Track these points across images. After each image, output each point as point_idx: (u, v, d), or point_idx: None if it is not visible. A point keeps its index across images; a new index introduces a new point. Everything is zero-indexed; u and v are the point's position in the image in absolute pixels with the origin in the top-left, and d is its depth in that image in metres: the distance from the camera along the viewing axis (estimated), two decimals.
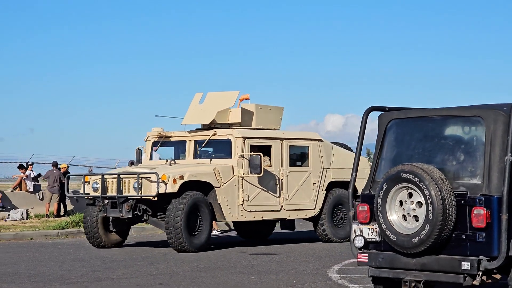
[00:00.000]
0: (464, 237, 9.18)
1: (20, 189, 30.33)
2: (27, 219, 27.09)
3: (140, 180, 16.83)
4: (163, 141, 19.26)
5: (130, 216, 17.10)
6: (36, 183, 30.71)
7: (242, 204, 17.84)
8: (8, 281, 13.01)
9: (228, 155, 18.12)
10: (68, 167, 32.03)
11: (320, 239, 19.34)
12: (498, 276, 9.25)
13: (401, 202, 9.49)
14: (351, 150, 20.51)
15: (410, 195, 9.39)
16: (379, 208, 9.56)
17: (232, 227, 21.95)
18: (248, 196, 17.93)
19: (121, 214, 17.12)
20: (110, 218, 17.67)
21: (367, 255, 9.86)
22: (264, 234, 20.42)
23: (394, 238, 9.47)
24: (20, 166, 30.92)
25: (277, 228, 21.51)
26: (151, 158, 19.42)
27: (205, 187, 17.35)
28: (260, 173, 17.62)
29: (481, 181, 9.23)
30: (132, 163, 30.20)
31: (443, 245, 9.26)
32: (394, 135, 10.21)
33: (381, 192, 9.56)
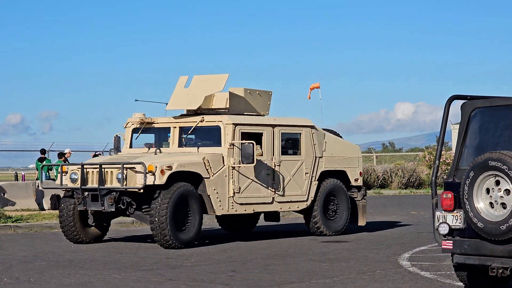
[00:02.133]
0: None
1: None
2: None
3: (124, 171, 15.53)
4: (144, 128, 17.81)
5: (113, 209, 15.80)
6: None
7: (233, 197, 16.53)
8: (84, 267, 13.21)
9: (217, 143, 16.79)
10: None
11: (311, 233, 18.31)
12: None
13: (488, 190, 9.53)
14: (341, 137, 19.81)
15: (498, 182, 9.42)
16: (465, 195, 9.61)
17: None
18: (239, 188, 16.63)
19: (103, 208, 15.76)
20: (89, 211, 16.36)
21: (451, 242, 9.91)
22: (249, 227, 19.60)
23: (481, 225, 9.51)
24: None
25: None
26: (131, 146, 17.95)
27: (194, 178, 16.06)
28: (253, 163, 16.38)
29: None
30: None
31: None
32: (479, 124, 10.23)
33: (468, 180, 9.60)
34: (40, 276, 12.16)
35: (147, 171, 15.14)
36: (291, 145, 17.85)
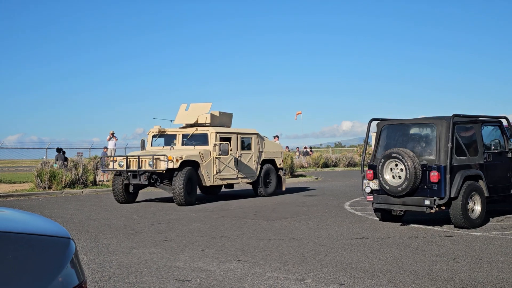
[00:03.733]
0: (426, 187, 9.28)
1: None
2: None
3: (154, 159, 14.05)
4: (160, 135, 16.05)
5: (147, 183, 14.32)
6: None
7: (215, 175, 15.01)
8: (176, 210, 12.97)
9: (205, 143, 15.14)
10: None
11: (256, 195, 16.65)
12: (444, 208, 9.30)
13: (391, 169, 9.61)
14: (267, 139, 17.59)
15: (396, 165, 9.49)
16: (379, 171, 9.68)
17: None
18: (219, 169, 15.12)
19: (140, 181, 14.28)
20: (131, 184, 14.67)
21: (372, 196, 9.98)
22: (216, 191, 17.26)
23: (388, 188, 9.58)
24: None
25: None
26: (151, 145, 16.11)
27: (194, 164, 14.59)
28: (228, 155, 15.26)
29: (434, 157, 9.32)
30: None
31: (414, 191, 9.38)
32: (386, 133, 10.30)
33: (380, 163, 9.67)
34: (153, 215, 12.05)
35: (168, 160, 13.87)
36: (246, 144, 16.35)
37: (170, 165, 13.89)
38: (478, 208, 9.44)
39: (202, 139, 15.28)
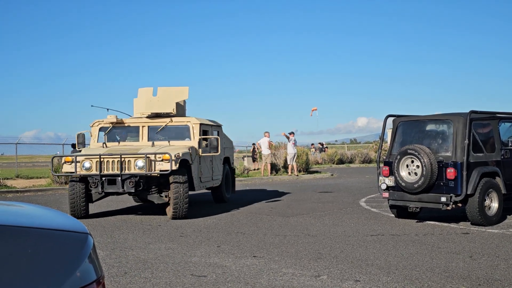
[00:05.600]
0: (442, 184, 9.23)
1: None
2: None
3: (147, 159, 10.39)
4: (113, 127, 12.16)
5: (133, 191, 10.57)
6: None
7: (199, 178, 11.72)
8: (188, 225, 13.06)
9: (184, 138, 11.85)
10: None
11: (218, 201, 13.75)
12: (460, 205, 9.24)
13: (407, 165, 9.56)
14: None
15: (412, 161, 9.44)
16: (395, 168, 9.63)
17: None
18: (202, 171, 11.91)
19: (123, 189, 10.55)
20: (105, 192, 10.78)
21: (388, 193, 9.94)
22: None
23: (404, 184, 9.53)
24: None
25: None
26: (98, 142, 12.23)
27: (185, 164, 11.07)
28: (218, 152, 11.88)
29: (451, 154, 9.26)
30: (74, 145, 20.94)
31: (430, 188, 9.34)
32: (402, 130, 10.24)
33: (396, 160, 9.63)
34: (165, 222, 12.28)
35: (165, 160, 10.45)
36: (216, 140, 12.33)
37: (172, 167, 10.45)
38: (495, 205, 9.35)
39: (180, 133, 12.06)
